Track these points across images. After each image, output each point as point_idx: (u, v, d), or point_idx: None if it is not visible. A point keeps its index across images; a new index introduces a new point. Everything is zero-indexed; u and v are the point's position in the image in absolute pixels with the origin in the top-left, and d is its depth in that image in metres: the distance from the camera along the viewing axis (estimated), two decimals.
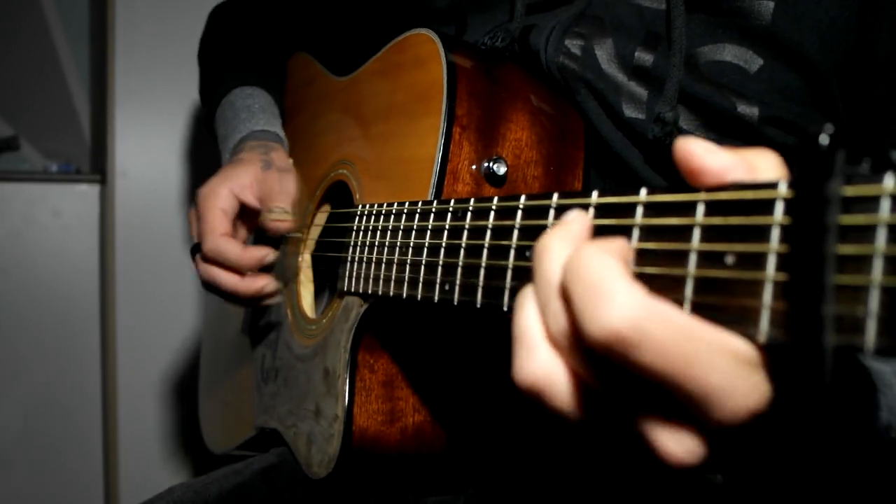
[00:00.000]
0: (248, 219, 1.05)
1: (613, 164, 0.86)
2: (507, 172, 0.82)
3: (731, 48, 0.77)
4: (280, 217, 0.99)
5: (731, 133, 0.78)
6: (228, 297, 1.03)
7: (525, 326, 0.46)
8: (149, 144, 1.93)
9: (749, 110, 0.76)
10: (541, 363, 0.44)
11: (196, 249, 1.03)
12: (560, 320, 0.43)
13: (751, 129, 0.76)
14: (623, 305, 0.38)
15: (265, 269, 1.02)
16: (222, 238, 0.98)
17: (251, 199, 1.02)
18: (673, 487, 0.83)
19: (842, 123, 0.75)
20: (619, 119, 0.84)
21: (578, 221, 0.46)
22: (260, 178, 1.02)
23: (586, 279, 0.40)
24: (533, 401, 0.45)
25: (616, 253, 0.42)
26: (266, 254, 1.00)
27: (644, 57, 0.82)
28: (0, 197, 1.91)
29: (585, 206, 0.50)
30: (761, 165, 0.41)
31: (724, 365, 0.38)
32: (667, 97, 0.78)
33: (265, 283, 1.00)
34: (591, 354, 0.41)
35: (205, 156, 1.95)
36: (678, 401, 0.39)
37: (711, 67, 0.78)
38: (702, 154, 0.41)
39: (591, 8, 0.88)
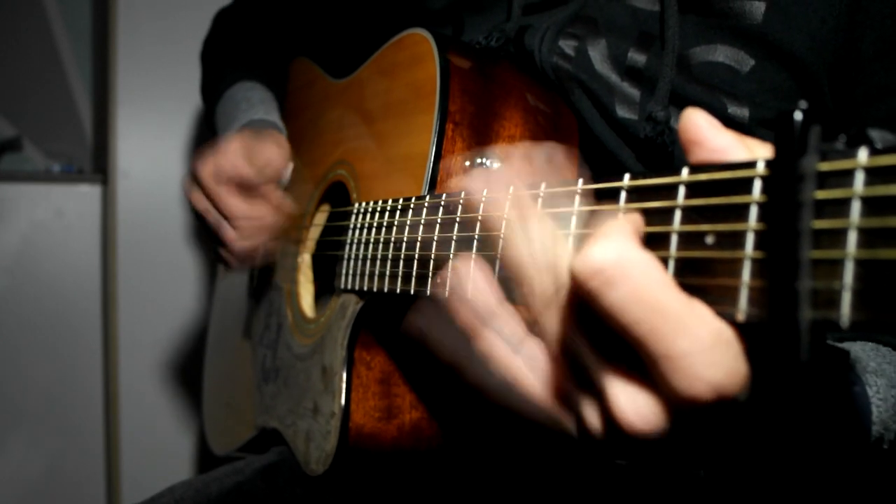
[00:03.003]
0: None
1: (606, 162, 0.87)
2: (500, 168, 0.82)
3: (723, 49, 0.78)
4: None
5: None
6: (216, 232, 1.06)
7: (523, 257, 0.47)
8: (150, 145, 1.94)
9: (740, 111, 0.77)
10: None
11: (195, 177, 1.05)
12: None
13: (742, 130, 0.76)
14: (613, 245, 0.39)
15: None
16: (239, 157, 1.01)
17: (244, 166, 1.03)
18: (669, 487, 0.83)
19: (832, 116, 0.75)
20: (611, 119, 0.85)
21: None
22: (243, 145, 1.04)
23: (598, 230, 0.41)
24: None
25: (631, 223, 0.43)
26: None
27: (637, 58, 0.83)
28: (2, 197, 1.92)
29: (571, 194, 0.50)
30: (759, 152, 0.41)
31: (695, 331, 0.38)
32: (659, 97, 0.79)
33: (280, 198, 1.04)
34: (571, 297, 0.43)
35: None
36: (641, 358, 0.40)
37: (703, 68, 0.78)
38: (706, 128, 0.41)
39: (585, 9, 0.89)
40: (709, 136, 0.41)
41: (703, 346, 0.38)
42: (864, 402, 0.53)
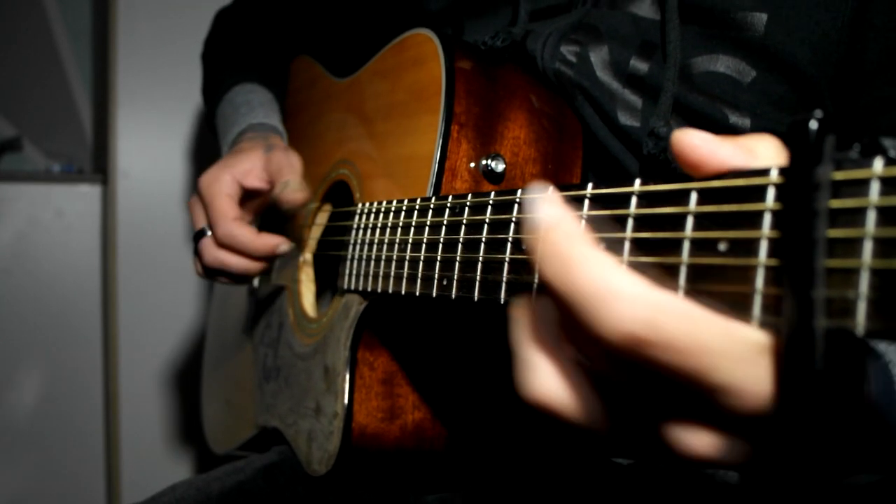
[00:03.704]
0: (250, 206, 1.05)
1: (611, 167, 0.87)
2: (505, 170, 0.83)
3: (724, 59, 0.78)
4: (296, 188, 0.98)
5: None
6: (238, 278, 1.04)
7: (525, 343, 0.45)
8: (150, 145, 1.94)
9: (741, 122, 0.77)
10: (544, 383, 0.44)
11: (200, 236, 1.03)
12: (573, 327, 0.41)
13: None
14: (634, 305, 0.37)
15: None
16: (235, 223, 0.99)
17: (255, 183, 1.01)
18: (672, 487, 0.83)
19: (847, 125, 0.75)
20: (614, 125, 0.85)
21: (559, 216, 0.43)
22: (265, 159, 1.02)
23: (588, 288, 0.39)
24: (546, 416, 0.45)
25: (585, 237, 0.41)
26: (279, 242, 1.00)
27: (639, 66, 0.83)
28: (2, 197, 1.91)
29: (581, 198, 0.50)
30: (760, 150, 0.41)
31: (741, 354, 0.37)
32: (661, 111, 0.79)
33: (278, 241, 1.01)
34: (610, 357, 0.41)
35: (207, 155, 1.96)
36: (699, 394, 0.38)
37: (705, 78, 0.78)
38: (701, 145, 0.41)
39: (588, 17, 0.89)
40: (707, 152, 0.41)
41: (751, 363, 0.37)
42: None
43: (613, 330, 0.38)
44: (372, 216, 0.87)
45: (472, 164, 0.82)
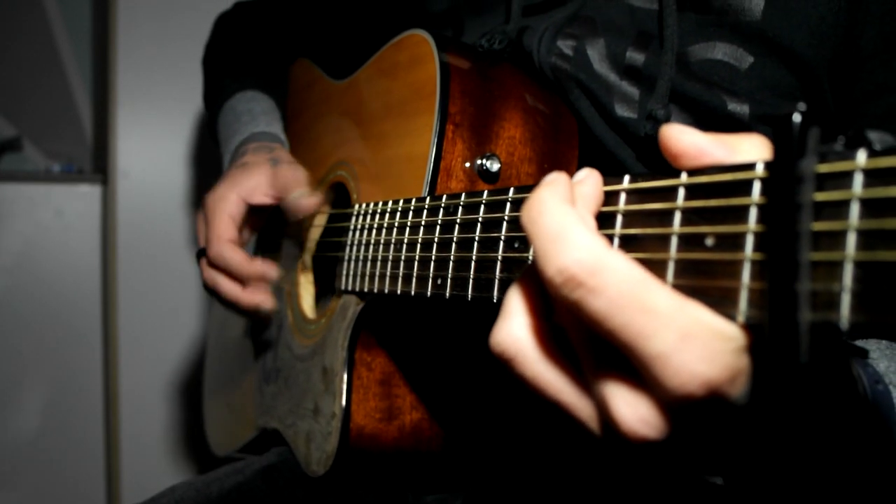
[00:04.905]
0: (253, 220, 1.06)
1: (606, 162, 0.87)
2: (500, 169, 0.83)
3: (721, 46, 0.77)
4: (305, 197, 0.99)
5: (723, 131, 0.78)
6: (227, 303, 1.05)
7: (509, 296, 0.48)
8: (150, 145, 1.94)
9: (740, 108, 0.77)
10: (511, 330, 0.46)
11: (202, 252, 1.04)
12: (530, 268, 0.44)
13: (742, 126, 0.77)
14: (579, 248, 0.39)
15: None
16: (227, 245, 1.00)
17: (261, 200, 1.03)
18: (671, 489, 0.83)
19: (831, 118, 0.75)
20: (611, 118, 0.85)
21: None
22: (271, 175, 1.03)
23: (546, 227, 0.41)
24: (503, 367, 0.47)
25: (582, 200, 0.45)
26: (269, 271, 1.01)
27: (635, 56, 0.83)
28: (2, 197, 1.92)
29: None
30: (744, 146, 0.41)
31: (683, 325, 0.38)
32: (658, 95, 0.79)
33: (263, 298, 1.02)
34: (554, 305, 0.43)
35: (206, 156, 1.96)
36: (632, 361, 0.39)
37: (702, 66, 0.78)
38: (679, 137, 0.42)
39: (583, 9, 0.89)
40: (684, 142, 0.42)
41: (692, 340, 0.37)
42: (888, 399, 0.53)
43: (552, 265, 0.39)
44: (368, 217, 0.87)
45: (468, 164, 0.82)
